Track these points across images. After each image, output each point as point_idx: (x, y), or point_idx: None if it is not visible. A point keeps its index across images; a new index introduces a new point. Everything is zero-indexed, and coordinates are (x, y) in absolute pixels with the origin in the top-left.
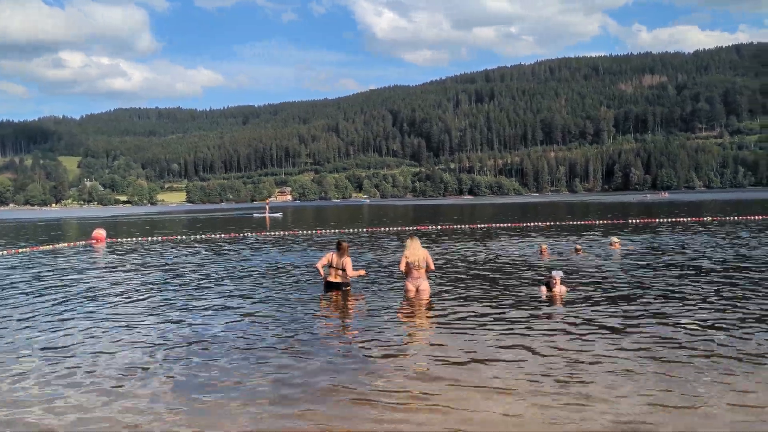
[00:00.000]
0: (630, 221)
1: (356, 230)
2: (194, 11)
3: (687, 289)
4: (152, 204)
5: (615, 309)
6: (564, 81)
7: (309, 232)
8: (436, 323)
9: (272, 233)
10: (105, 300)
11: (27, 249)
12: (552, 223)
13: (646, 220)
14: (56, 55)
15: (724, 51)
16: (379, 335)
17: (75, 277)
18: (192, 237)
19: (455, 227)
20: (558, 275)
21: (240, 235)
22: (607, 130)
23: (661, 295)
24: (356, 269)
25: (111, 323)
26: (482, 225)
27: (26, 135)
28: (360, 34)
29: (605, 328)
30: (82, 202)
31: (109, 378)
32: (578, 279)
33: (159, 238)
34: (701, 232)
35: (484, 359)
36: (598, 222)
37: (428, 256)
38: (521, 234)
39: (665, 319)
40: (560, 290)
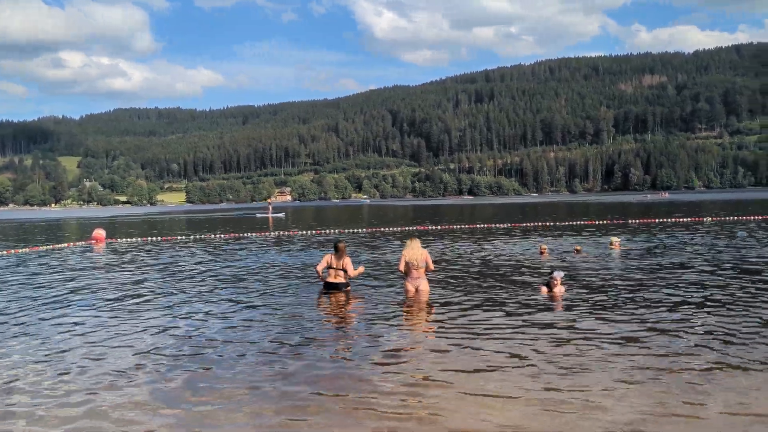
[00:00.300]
0: (630, 221)
1: (358, 230)
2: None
3: (687, 290)
4: (152, 204)
5: (615, 309)
6: (564, 81)
7: (312, 232)
8: (436, 324)
9: (275, 233)
10: (104, 300)
11: (26, 249)
12: (552, 223)
13: (646, 221)
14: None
15: (724, 51)
16: (378, 336)
17: (74, 278)
18: (192, 237)
19: (455, 227)
20: (558, 275)
21: (242, 235)
22: (607, 130)
23: (662, 296)
24: (355, 267)
25: (109, 323)
26: (482, 225)
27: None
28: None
29: (605, 329)
30: (82, 203)
31: (107, 378)
32: (578, 279)
33: (159, 239)
34: (701, 232)
35: (484, 361)
36: (598, 222)
37: (428, 256)
38: (521, 234)
39: (666, 320)
40: (560, 290)
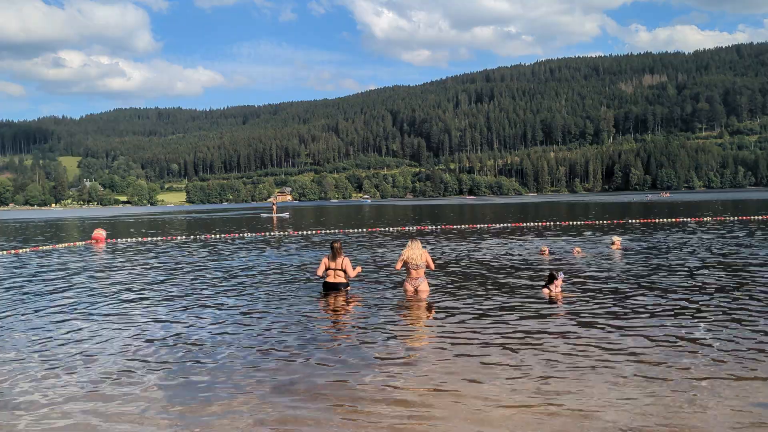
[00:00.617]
0: (630, 221)
1: (362, 230)
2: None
3: (688, 290)
4: (152, 204)
5: (616, 310)
6: (564, 81)
7: (318, 231)
8: (435, 325)
9: (279, 233)
10: (103, 300)
11: (26, 249)
12: (552, 223)
13: (647, 220)
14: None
15: (724, 51)
16: (378, 337)
17: (74, 277)
18: (193, 237)
19: (455, 227)
20: (559, 276)
21: (244, 235)
22: (607, 130)
23: (662, 296)
24: (354, 267)
25: (108, 323)
26: (482, 225)
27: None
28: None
29: (606, 330)
30: (82, 203)
31: (105, 378)
32: (579, 280)
33: (159, 238)
34: (702, 232)
35: (483, 363)
36: (599, 222)
37: (428, 256)
38: (521, 234)
39: (666, 321)
40: (560, 291)
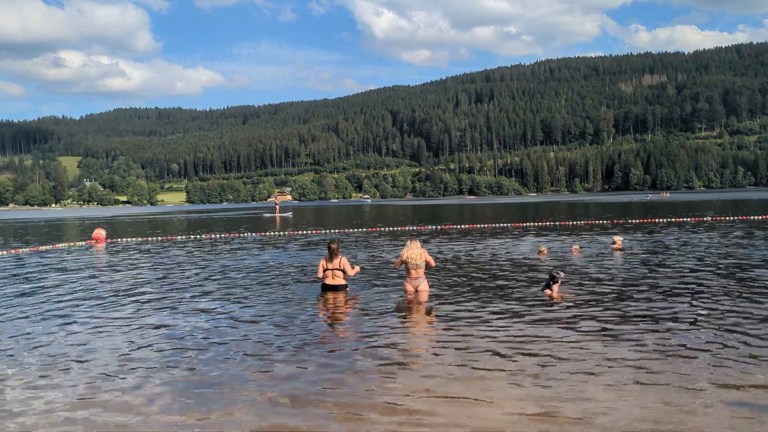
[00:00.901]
0: (631, 221)
1: (364, 230)
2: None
3: (688, 290)
4: (152, 204)
5: (616, 311)
6: (564, 81)
7: (318, 231)
8: (435, 325)
9: (282, 233)
10: (102, 300)
11: (26, 249)
12: (552, 223)
13: (648, 220)
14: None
15: (724, 51)
16: (377, 337)
17: (74, 277)
18: (193, 237)
19: (455, 227)
20: (560, 276)
21: (245, 235)
22: (607, 130)
23: (663, 297)
24: (352, 267)
25: (108, 323)
26: (482, 225)
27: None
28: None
29: (606, 330)
30: (82, 203)
31: (103, 378)
32: (580, 279)
33: (159, 238)
34: (702, 232)
35: (483, 362)
36: (599, 222)
37: (428, 255)
38: (521, 234)
39: (666, 322)
40: (559, 290)
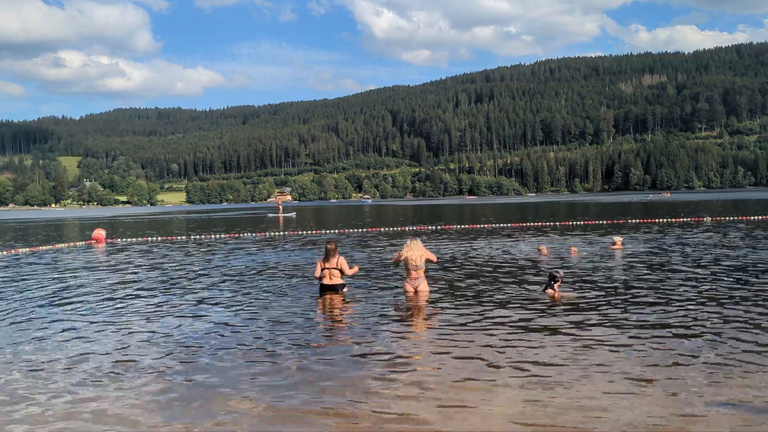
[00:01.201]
0: (631, 221)
1: (368, 230)
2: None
3: (689, 290)
4: (152, 204)
5: (616, 311)
6: (564, 81)
7: (318, 232)
8: (435, 326)
9: (287, 233)
10: (102, 300)
11: (26, 249)
12: (552, 223)
13: (648, 220)
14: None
15: (724, 51)
16: (376, 338)
17: (74, 278)
18: (194, 238)
19: (456, 227)
20: (560, 275)
21: (248, 235)
22: (607, 130)
23: (664, 297)
24: (351, 266)
25: (107, 323)
26: (482, 225)
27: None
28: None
29: (606, 331)
30: (82, 203)
31: (101, 379)
32: (580, 280)
33: (159, 238)
34: (703, 232)
35: (483, 363)
36: (599, 222)
37: (429, 253)
38: (520, 234)
39: (666, 322)
40: (559, 290)
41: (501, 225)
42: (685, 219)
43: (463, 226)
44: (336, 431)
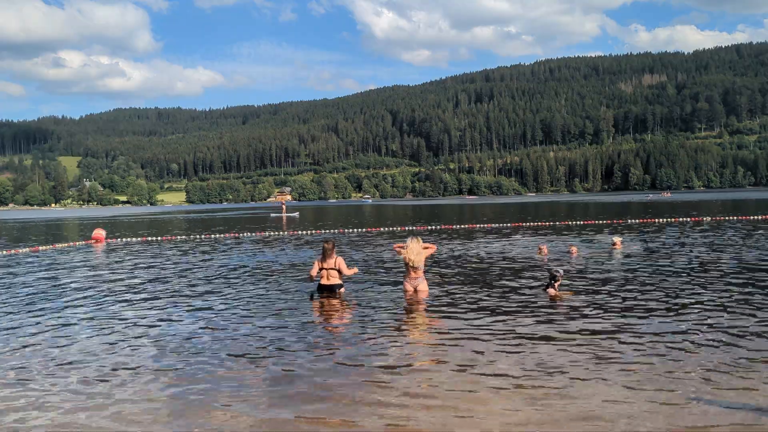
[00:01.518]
0: (632, 221)
1: (373, 229)
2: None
3: (689, 290)
4: (152, 204)
5: (616, 311)
6: (564, 81)
7: (318, 232)
8: (434, 326)
9: (293, 233)
10: (101, 299)
11: (26, 249)
12: (552, 223)
13: (649, 220)
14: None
15: (724, 51)
16: (374, 339)
17: (73, 277)
18: (194, 237)
19: (455, 227)
20: (560, 273)
21: (250, 235)
22: (607, 130)
23: (664, 297)
24: (350, 267)
25: (106, 323)
26: (482, 225)
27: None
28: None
29: (607, 331)
30: (82, 203)
31: (100, 379)
32: (580, 280)
33: (159, 238)
34: (704, 232)
35: (483, 364)
36: (600, 222)
37: (427, 251)
38: (520, 233)
39: (666, 322)
40: (559, 290)
41: (501, 225)
42: (685, 219)
43: (463, 226)
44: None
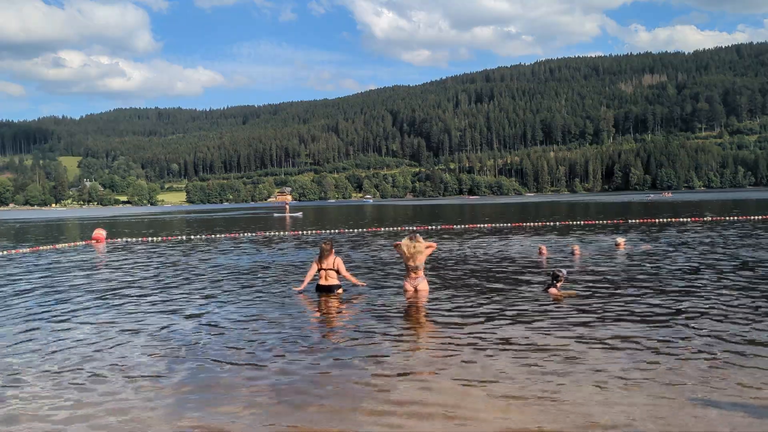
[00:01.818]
0: (633, 221)
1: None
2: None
3: (691, 291)
4: (152, 204)
5: (618, 312)
6: (564, 81)
7: (318, 232)
8: (434, 327)
9: (300, 233)
10: (100, 300)
11: (27, 249)
12: (553, 223)
13: (650, 220)
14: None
15: (724, 51)
16: (374, 341)
17: (73, 277)
18: (194, 237)
19: (456, 227)
20: (562, 273)
21: (246, 235)
22: (607, 130)
23: (666, 298)
24: (357, 277)
25: (104, 324)
26: (482, 225)
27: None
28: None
29: (607, 331)
30: (82, 203)
31: (97, 379)
32: (582, 280)
33: (160, 238)
34: (705, 233)
35: (483, 364)
36: (601, 222)
37: (427, 250)
38: (520, 234)
39: (669, 323)
40: (561, 290)
41: (501, 225)
42: (686, 219)
43: (464, 226)
44: None
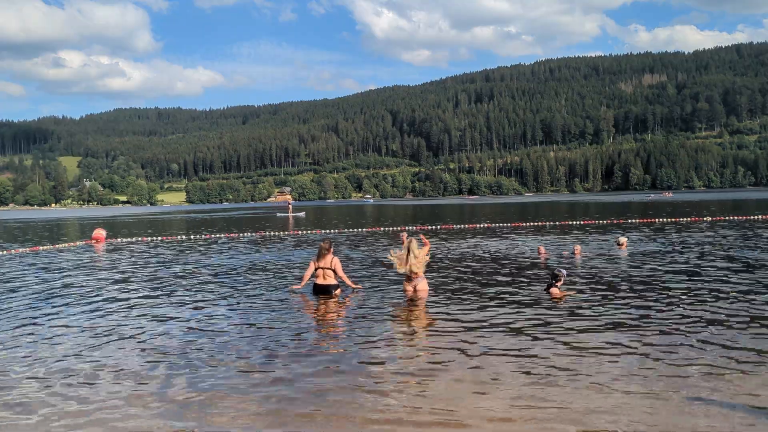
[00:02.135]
0: (634, 221)
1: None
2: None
3: (693, 291)
4: (152, 204)
5: (617, 311)
6: (564, 81)
7: (318, 232)
8: (433, 328)
9: (303, 232)
10: (100, 301)
11: (26, 249)
12: (553, 223)
13: (651, 220)
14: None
15: (724, 50)
16: (374, 339)
17: (73, 277)
18: (194, 238)
19: (455, 227)
20: (562, 273)
21: (246, 235)
22: (607, 130)
23: (668, 298)
24: (354, 282)
25: (104, 323)
26: (482, 225)
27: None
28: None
29: (608, 331)
30: (82, 203)
31: (96, 380)
32: (583, 280)
33: (159, 238)
34: (705, 232)
35: (484, 365)
36: (602, 222)
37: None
38: (520, 233)
39: (670, 323)
40: (562, 290)
41: (501, 225)
42: (686, 219)
43: (463, 226)
44: None
